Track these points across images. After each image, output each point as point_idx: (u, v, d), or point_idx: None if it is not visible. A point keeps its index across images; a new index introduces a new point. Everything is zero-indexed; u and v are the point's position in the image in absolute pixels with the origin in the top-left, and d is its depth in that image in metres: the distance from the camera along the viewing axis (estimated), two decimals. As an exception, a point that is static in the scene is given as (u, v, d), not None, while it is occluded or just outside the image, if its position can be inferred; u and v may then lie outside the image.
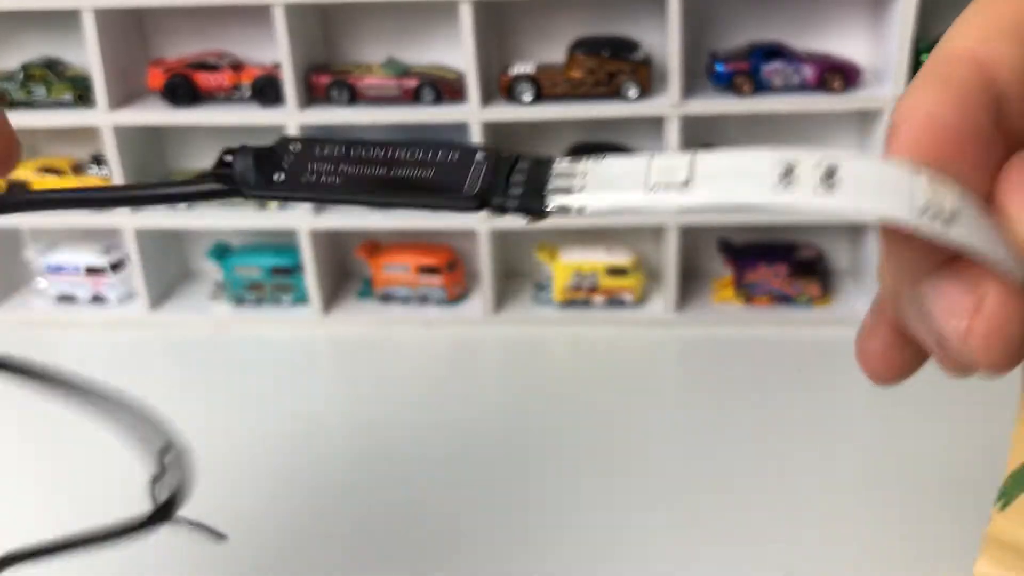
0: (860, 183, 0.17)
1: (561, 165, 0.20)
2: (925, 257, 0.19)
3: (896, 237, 0.19)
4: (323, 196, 0.21)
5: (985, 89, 0.18)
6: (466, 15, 0.78)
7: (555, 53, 0.85)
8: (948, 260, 0.19)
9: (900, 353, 0.23)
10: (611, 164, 0.20)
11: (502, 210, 0.20)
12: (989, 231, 0.18)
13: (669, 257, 0.86)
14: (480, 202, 0.21)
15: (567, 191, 0.20)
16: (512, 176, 0.21)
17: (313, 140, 0.21)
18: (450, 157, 0.21)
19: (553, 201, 0.20)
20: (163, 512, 0.25)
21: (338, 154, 0.21)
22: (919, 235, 0.18)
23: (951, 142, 0.18)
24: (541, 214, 0.20)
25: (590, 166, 0.20)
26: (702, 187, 0.18)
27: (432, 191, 0.21)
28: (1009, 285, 0.19)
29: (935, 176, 0.18)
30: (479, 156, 0.21)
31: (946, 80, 0.18)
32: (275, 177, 0.21)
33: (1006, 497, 0.24)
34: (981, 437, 0.58)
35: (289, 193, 0.21)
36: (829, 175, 0.17)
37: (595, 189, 0.19)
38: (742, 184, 0.18)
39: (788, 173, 0.17)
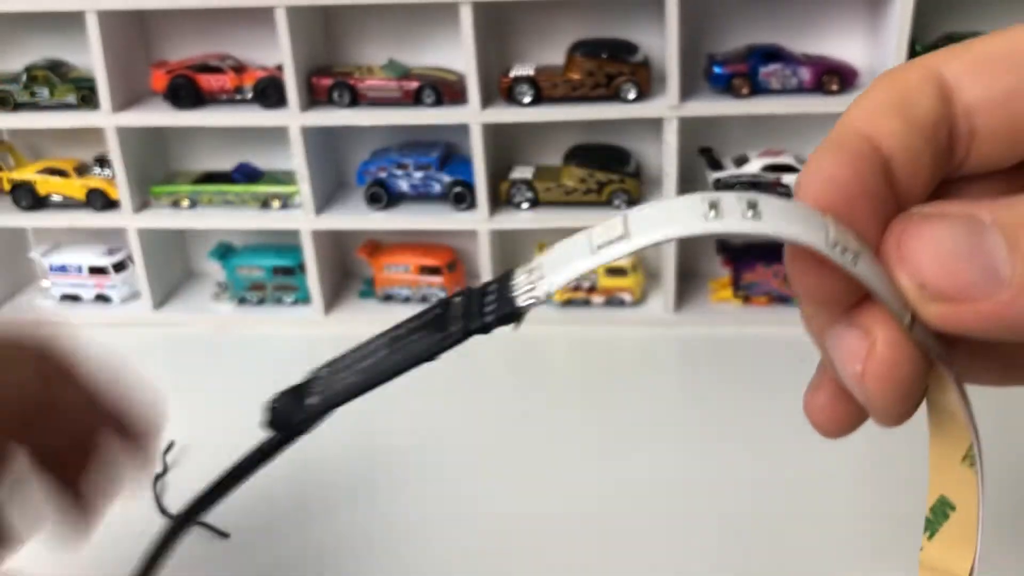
0: (780, 214, 0.19)
1: (519, 272, 0.22)
2: (829, 300, 0.22)
3: (806, 275, 0.21)
4: (349, 397, 0.24)
5: (876, 157, 0.21)
6: (466, 17, 0.78)
7: (555, 55, 0.86)
8: (845, 311, 0.22)
9: (843, 407, 0.25)
10: (558, 247, 0.22)
11: (484, 329, 0.23)
12: (882, 276, 0.20)
13: (668, 257, 0.86)
14: (464, 331, 0.23)
15: (531, 287, 0.22)
16: (485, 298, 0.23)
17: (335, 360, 0.25)
18: (435, 311, 0.24)
19: (521, 300, 0.22)
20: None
21: (353, 359, 0.24)
22: (832, 263, 0.20)
23: (847, 199, 0.20)
24: (518, 315, 0.22)
25: (542, 259, 0.22)
26: (641, 233, 0.20)
27: (425, 344, 0.23)
28: (897, 330, 0.21)
29: (837, 221, 0.20)
30: (455, 299, 0.23)
31: (841, 147, 0.21)
32: (308, 402, 0.24)
33: (931, 527, 0.25)
34: (983, 435, 0.58)
35: (324, 408, 0.24)
36: (752, 207, 0.19)
37: (552, 273, 0.21)
38: (676, 221, 0.20)
39: (715, 207, 0.19)
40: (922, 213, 0.21)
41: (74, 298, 0.95)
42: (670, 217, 0.20)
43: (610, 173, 0.85)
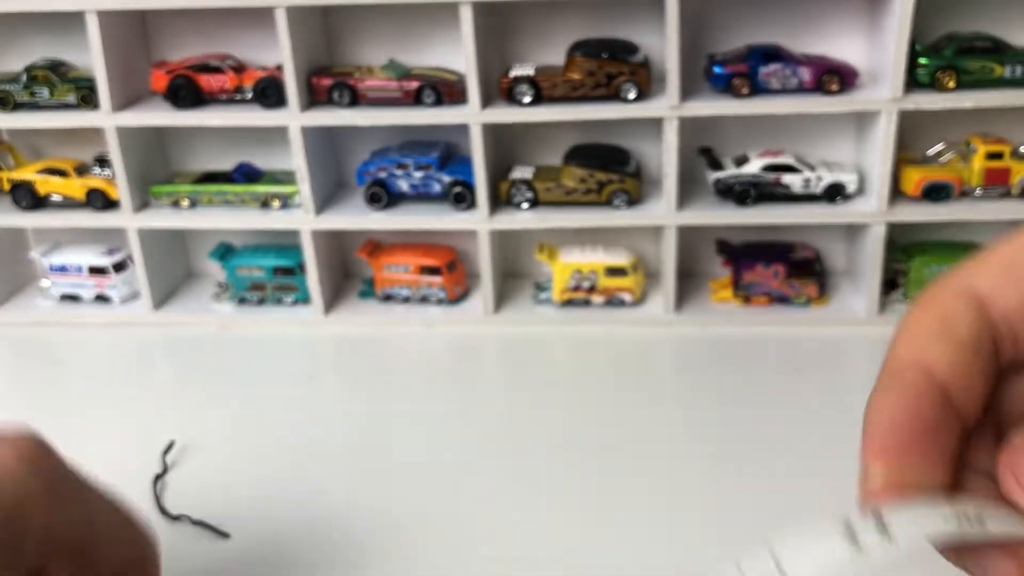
0: (905, 523, 0.21)
1: None
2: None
3: (967, 560, 0.22)
4: None
5: (930, 387, 0.22)
6: (466, 17, 0.78)
7: (555, 55, 0.86)
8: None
9: None
10: None
11: None
12: (1009, 516, 0.21)
13: (668, 257, 0.86)
14: None
15: None
16: None
17: None
18: None
19: None
20: None
21: None
22: (966, 540, 0.21)
23: (913, 439, 0.22)
24: None
25: None
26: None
27: None
28: None
29: (940, 496, 0.21)
30: None
31: (900, 386, 0.23)
32: None
33: None
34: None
35: None
36: (881, 526, 0.20)
37: None
38: (830, 567, 0.21)
39: (852, 537, 0.21)
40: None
41: (74, 298, 0.95)
42: (824, 563, 0.21)
43: (610, 173, 0.86)
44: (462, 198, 0.87)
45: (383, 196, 0.88)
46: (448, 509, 0.63)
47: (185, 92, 0.86)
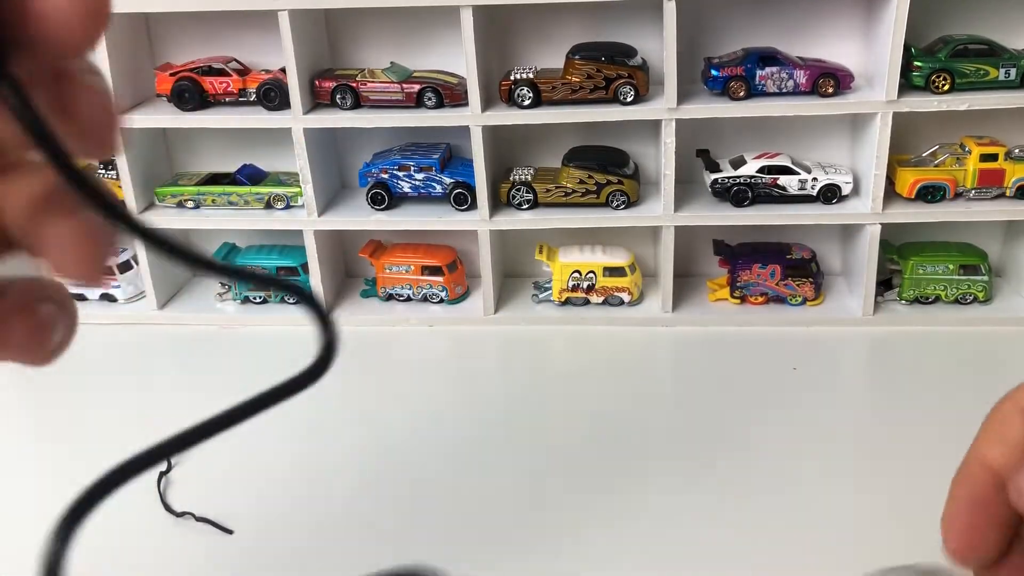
0: None
1: None
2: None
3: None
4: None
5: (989, 477, 0.29)
6: (467, 21, 0.79)
7: (554, 58, 0.87)
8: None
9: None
10: None
11: None
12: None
13: (665, 257, 0.88)
14: None
15: None
16: None
17: None
18: None
19: None
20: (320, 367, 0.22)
21: None
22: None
23: (976, 515, 0.29)
24: None
25: None
26: None
27: None
28: None
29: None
30: None
31: (969, 478, 0.30)
32: None
33: None
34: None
35: None
36: None
37: None
38: None
39: None
40: None
41: (80, 297, 0.96)
42: None
43: (608, 174, 0.87)
44: (463, 199, 0.88)
45: (385, 197, 0.90)
46: (448, 506, 0.64)
47: (189, 94, 0.87)
